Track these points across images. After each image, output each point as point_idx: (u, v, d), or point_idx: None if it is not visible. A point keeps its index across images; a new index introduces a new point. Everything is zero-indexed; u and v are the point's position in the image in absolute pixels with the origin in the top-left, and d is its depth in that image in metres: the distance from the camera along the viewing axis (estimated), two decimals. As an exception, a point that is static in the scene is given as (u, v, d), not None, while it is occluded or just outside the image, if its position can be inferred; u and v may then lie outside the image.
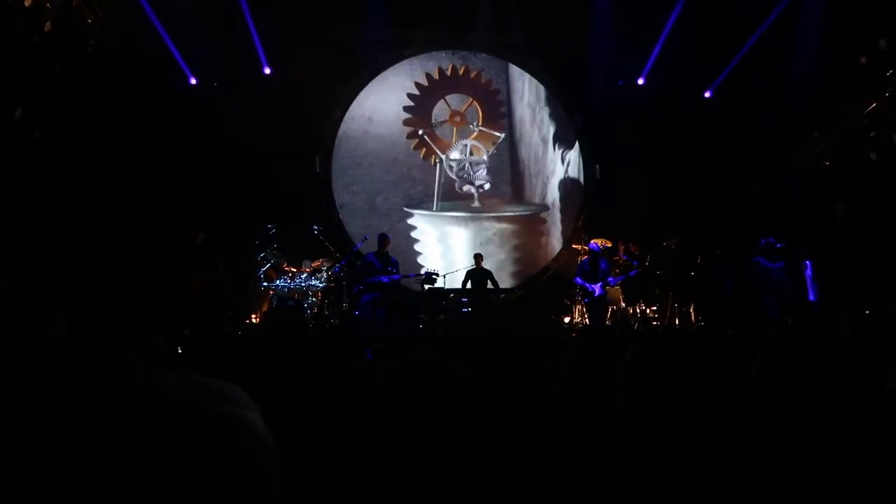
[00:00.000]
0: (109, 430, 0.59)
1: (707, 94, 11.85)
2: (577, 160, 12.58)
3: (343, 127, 12.19)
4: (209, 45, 10.72)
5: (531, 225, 12.67)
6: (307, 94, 11.32)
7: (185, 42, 10.66)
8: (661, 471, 1.61)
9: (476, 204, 12.64)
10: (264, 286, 10.22)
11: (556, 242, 12.64)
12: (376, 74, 12.27)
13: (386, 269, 9.64)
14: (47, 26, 8.33)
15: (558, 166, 12.71)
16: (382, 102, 12.33)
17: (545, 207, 12.72)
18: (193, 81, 11.17)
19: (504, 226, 12.56)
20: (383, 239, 9.89)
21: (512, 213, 12.63)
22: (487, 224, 12.59)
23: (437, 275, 10.17)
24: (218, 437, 0.61)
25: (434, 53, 12.45)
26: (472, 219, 12.52)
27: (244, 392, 0.66)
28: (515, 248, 12.47)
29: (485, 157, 12.56)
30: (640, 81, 11.94)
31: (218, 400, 0.64)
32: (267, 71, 11.38)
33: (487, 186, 12.61)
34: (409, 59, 12.37)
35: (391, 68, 12.32)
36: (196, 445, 0.60)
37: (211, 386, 0.65)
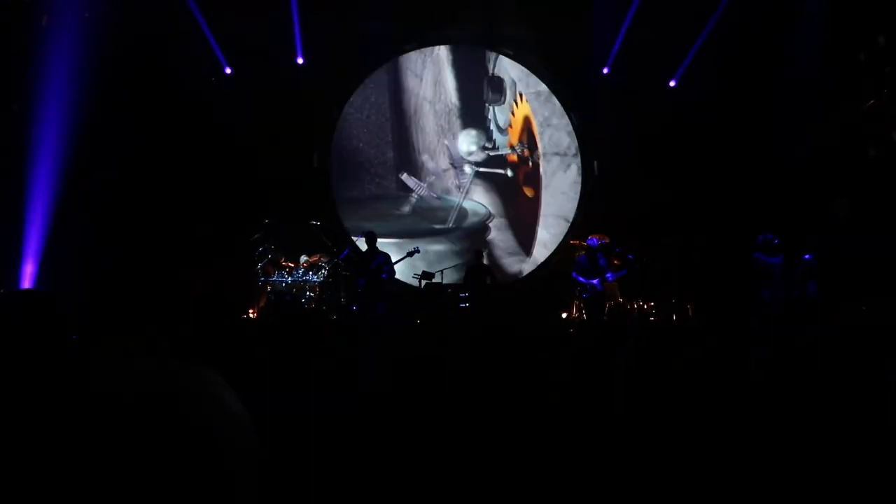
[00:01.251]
0: (84, 415, 0.60)
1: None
2: (574, 157, 12.55)
3: (341, 122, 12.17)
4: (207, 40, 10.69)
5: (473, 238, 12.08)
6: (305, 89, 11.29)
7: (183, 37, 10.62)
8: (658, 462, 1.61)
9: (406, 209, 12.06)
10: (262, 281, 10.21)
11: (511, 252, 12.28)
12: (374, 69, 12.24)
13: (375, 266, 9.57)
14: (44, 20, 8.31)
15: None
16: (380, 97, 12.31)
17: (487, 216, 12.20)
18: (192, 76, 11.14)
19: (439, 248, 11.65)
20: (370, 236, 9.83)
21: (430, 228, 11.98)
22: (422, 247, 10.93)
23: (417, 250, 10.07)
24: (193, 416, 0.63)
25: (432, 49, 12.42)
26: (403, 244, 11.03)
27: (219, 375, 0.69)
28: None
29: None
30: (638, 77, 11.92)
31: (192, 378, 0.66)
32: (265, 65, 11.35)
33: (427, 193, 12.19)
34: (407, 54, 12.34)
35: (389, 63, 12.30)
36: (172, 425, 0.62)
37: (183, 366, 0.68)
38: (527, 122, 12.52)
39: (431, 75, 12.33)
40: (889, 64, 9.51)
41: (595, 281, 9.44)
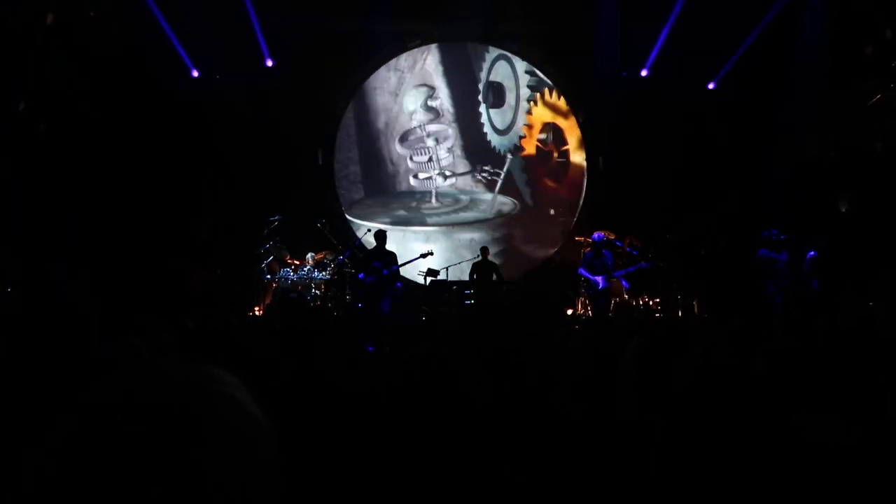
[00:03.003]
0: (109, 411, 0.61)
1: (711, 86, 11.80)
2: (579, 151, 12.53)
3: (345, 119, 12.19)
4: (211, 37, 10.71)
5: (505, 225, 12.39)
6: (309, 87, 11.31)
7: (188, 34, 10.64)
8: (665, 461, 1.61)
9: (434, 203, 12.32)
10: (267, 278, 10.24)
11: (541, 239, 12.42)
12: (379, 67, 12.25)
13: (379, 265, 9.51)
14: (49, 18, 8.33)
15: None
16: (384, 94, 12.31)
17: (514, 205, 12.40)
18: (196, 74, 11.17)
19: (472, 235, 12.14)
20: (380, 235, 9.78)
21: (474, 218, 12.31)
22: (454, 236, 12.20)
23: (431, 253, 10.06)
24: (216, 414, 0.64)
25: (436, 45, 12.40)
26: (433, 233, 12.15)
27: (236, 378, 0.70)
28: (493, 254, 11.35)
29: (450, 132, 12.39)
30: (644, 73, 11.89)
31: (213, 381, 0.68)
32: (269, 63, 11.37)
33: (448, 182, 12.36)
34: (412, 51, 12.33)
35: (394, 60, 12.30)
36: (195, 423, 0.64)
37: (204, 369, 0.69)
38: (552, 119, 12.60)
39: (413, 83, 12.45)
40: (896, 58, 9.46)
41: (601, 278, 9.42)
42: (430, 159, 12.41)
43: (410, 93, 12.40)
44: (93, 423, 0.61)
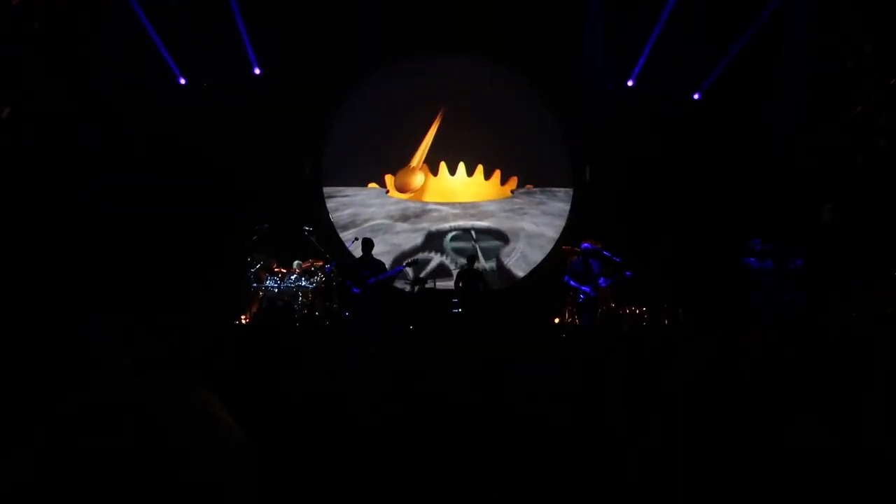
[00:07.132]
0: (81, 424, 0.61)
1: (696, 97, 11.91)
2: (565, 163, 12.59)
3: (333, 129, 12.19)
4: (199, 44, 10.69)
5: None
6: (297, 96, 11.30)
7: (175, 41, 10.61)
8: (652, 468, 1.61)
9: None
10: (254, 287, 10.18)
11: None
12: (366, 77, 12.26)
13: (367, 274, 9.53)
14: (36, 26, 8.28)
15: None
16: (371, 105, 12.32)
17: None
18: (182, 81, 11.12)
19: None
20: (367, 243, 9.80)
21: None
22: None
23: (417, 261, 10.19)
24: (189, 432, 0.64)
25: (422, 58, 12.43)
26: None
27: (213, 395, 0.70)
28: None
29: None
30: (630, 84, 11.98)
31: (188, 398, 0.68)
32: (257, 71, 11.34)
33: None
34: (399, 62, 12.35)
35: (380, 71, 12.31)
36: (171, 444, 0.64)
37: (179, 387, 0.69)
38: None
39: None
40: (876, 71, 9.60)
41: (587, 287, 9.44)
42: None
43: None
44: (64, 435, 0.61)
